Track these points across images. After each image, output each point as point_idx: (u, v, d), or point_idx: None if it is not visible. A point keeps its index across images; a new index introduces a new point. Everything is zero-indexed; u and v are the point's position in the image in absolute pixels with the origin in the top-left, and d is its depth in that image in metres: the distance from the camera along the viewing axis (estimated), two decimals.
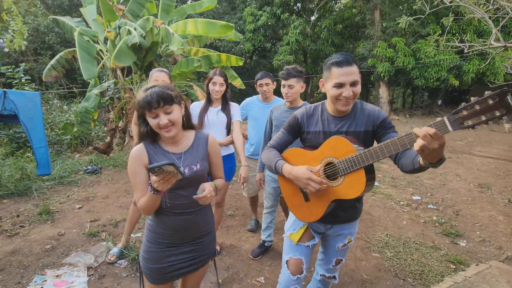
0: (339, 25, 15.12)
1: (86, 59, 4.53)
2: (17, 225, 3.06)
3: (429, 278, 2.43)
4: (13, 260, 2.50)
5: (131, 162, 1.28)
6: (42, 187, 3.98)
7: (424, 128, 1.00)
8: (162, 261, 1.34)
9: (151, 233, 1.36)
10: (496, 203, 4.11)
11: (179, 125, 1.28)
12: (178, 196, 1.30)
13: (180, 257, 1.36)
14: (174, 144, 1.34)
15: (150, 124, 1.24)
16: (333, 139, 1.35)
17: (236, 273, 2.45)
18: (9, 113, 3.15)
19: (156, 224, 1.35)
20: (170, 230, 1.33)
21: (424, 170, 1.16)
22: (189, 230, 1.36)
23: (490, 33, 10.43)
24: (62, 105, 7.33)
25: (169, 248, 1.35)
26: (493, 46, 5.20)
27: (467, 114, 0.97)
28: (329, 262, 1.66)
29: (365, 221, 3.42)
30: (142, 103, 1.20)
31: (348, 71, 1.29)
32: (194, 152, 1.36)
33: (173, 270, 1.36)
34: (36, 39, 11.12)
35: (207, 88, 2.50)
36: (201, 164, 1.35)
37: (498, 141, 8.67)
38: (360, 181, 1.26)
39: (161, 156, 1.29)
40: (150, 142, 1.32)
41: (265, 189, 2.62)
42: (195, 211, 1.35)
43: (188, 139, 1.38)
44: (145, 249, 1.37)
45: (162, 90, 1.21)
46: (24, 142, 5.24)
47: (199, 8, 6.04)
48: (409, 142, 1.11)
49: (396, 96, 24.60)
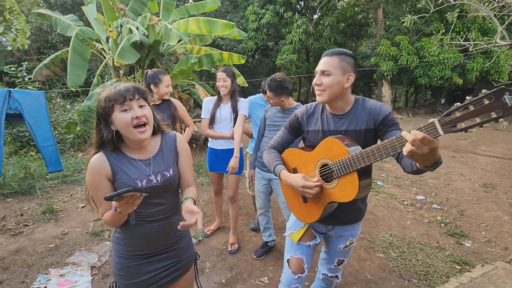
0: (341, 23, 15.07)
1: (77, 63, 4.40)
2: (21, 224, 3.07)
3: (434, 279, 2.41)
4: (17, 259, 2.50)
5: (91, 175, 1.11)
6: (46, 186, 3.99)
7: (412, 131, 0.94)
8: (139, 275, 1.22)
9: (120, 247, 1.23)
10: (501, 203, 4.07)
11: (152, 125, 1.16)
12: (150, 205, 1.19)
13: (159, 266, 1.25)
14: (140, 149, 1.19)
15: (119, 124, 1.09)
16: (327, 141, 1.32)
17: (239, 273, 2.44)
18: (14, 112, 3.15)
19: (124, 236, 1.21)
20: (141, 239, 1.21)
21: (424, 172, 1.10)
22: (162, 237, 1.25)
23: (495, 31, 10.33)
24: (65, 104, 7.35)
25: (145, 260, 1.23)
26: (498, 45, 5.15)
27: (460, 116, 0.89)
28: (331, 262, 1.65)
29: (369, 221, 3.40)
30: (114, 95, 1.07)
31: (324, 61, 1.34)
32: (164, 156, 1.23)
33: (154, 282, 1.25)
34: (39, 38, 11.14)
35: (216, 87, 2.62)
36: (173, 169, 1.24)
37: (503, 140, 8.60)
38: (353, 184, 1.22)
39: (127, 165, 1.15)
40: (110, 150, 1.15)
41: (256, 187, 2.61)
42: (169, 216, 1.25)
43: (155, 142, 1.24)
44: (118, 267, 1.23)
45: (136, 84, 1.14)
46: (27, 141, 5.26)
47: (202, 9, 6.02)
48: (399, 146, 1.05)
49: (398, 95, 24.50)
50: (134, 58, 4.58)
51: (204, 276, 2.37)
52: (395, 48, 12.15)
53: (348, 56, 1.34)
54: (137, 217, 1.18)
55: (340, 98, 1.36)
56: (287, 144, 1.60)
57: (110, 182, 1.14)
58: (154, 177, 1.18)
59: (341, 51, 1.34)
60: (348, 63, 1.33)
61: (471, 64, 11.70)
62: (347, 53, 1.34)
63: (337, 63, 1.31)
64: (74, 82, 4.35)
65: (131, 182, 1.13)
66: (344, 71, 1.32)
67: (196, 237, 2.88)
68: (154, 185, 1.18)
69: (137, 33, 4.38)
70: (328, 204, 1.35)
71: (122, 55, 4.40)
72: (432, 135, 0.94)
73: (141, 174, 1.16)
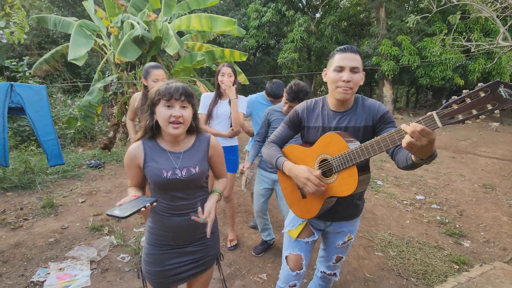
0: (343, 22, 15.04)
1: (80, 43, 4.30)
2: (21, 218, 3.07)
3: (432, 278, 2.41)
4: (17, 253, 2.51)
5: (127, 159, 1.27)
6: (46, 181, 4.00)
7: (412, 124, 0.97)
8: (163, 264, 1.30)
9: (151, 235, 1.32)
10: (500, 204, 4.07)
11: (187, 126, 1.25)
12: (176, 198, 1.26)
13: (182, 260, 1.32)
14: (174, 143, 1.29)
15: (159, 116, 1.20)
16: (326, 136, 1.33)
17: (238, 269, 2.45)
18: (16, 105, 3.15)
19: (155, 226, 1.31)
20: (170, 231, 1.29)
21: (418, 166, 1.12)
22: (189, 232, 1.31)
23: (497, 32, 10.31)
24: (65, 99, 7.33)
25: (170, 251, 1.31)
26: (500, 46, 5.14)
27: (458, 108, 0.93)
28: (330, 259, 1.65)
29: (368, 220, 3.41)
30: (163, 91, 1.18)
31: (350, 57, 1.30)
32: (194, 153, 1.31)
33: (176, 274, 1.32)
34: (41, 33, 11.12)
35: (216, 81, 2.53)
36: (200, 166, 1.30)
37: (503, 142, 8.60)
38: (353, 178, 1.23)
39: (158, 154, 1.25)
40: (149, 139, 1.28)
41: (255, 189, 2.55)
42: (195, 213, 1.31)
43: (189, 140, 1.34)
44: (146, 252, 1.33)
45: (184, 85, 1.23)
46: (28, 135, 5.26)
47: (203, 4, 6.00)
48: (398, 139, 1.07)
49: (400, 95, 24.47)
50: (136, 54, 4.57)
51: None
52: (397, 48, 12.13)
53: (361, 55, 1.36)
54: (163, 208, 1.27)
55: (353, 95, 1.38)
56: (287, 140, 1.59)
57: (139, 169, 1.27)
58: (179, 171, 1.25)
59: (358, 49, 1.35)
60: (362, 61, 1.36)
61: (473, 65, 11.68)
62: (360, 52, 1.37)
63: (361, 59, 1.32)
64: (74, 56, 4.19)
65: (158, 171, 1.22)
66: (362, 69, 1.34)
67: None
68: (178, 178, 1.24)
69: (138, 28, 4.37)
70: (327, 199, 1.35)
71: (123, 52, 4.39)
72: (431, 127, 0.96)
73: (168, 165, 1.24)
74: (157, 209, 1.28)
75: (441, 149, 7.55)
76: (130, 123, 2.61)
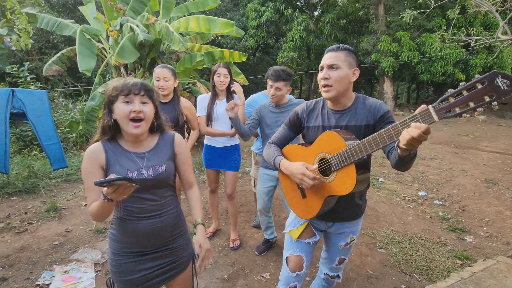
0: (342, 20, 15.00)
1: (86, 53, 4.38)
2: (25, 222, 3.10)
3: (435, 274, 2.41)
4: (22, 256, 2.54)
5: (86, 162, 1.15)
6: (49, 185, 4.04)
7: (413, 124, 0.96)
8: (134, 273, 1.22)
9: (115, 244, 1.23)
10: (503, 198, 4.06)
11: (148, 123, 1.19)
12: (141, 200, 1.19)
13: (154, 264, 1.25)
14: (136, 143, 1.22)
15: (118, 113, 1.12)
16: (325, 135, 1.33)
17: (241, 269, 2.46)
18: (18, 111, 3.18)
19: (119, 233, 1.22)
20: (136, 237, 1.20)
21: (405, 161, 1.12)
22: (158, 235, 1.23)
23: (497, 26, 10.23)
24: (67, 103, 7.39)
25: (139, 258, 1.22)
26: (500, 40, 5.12)
27: (455, 101, 0.91)
28: (332, 261, 1.63)
29: (370, 217, 3.41)
30: (121, 86, 1.12)
31: (330, 55, 1.33)
32: (159, 152, 1.25)
33: (150, 279, 1.25)
34: (41, 38, 11.19)
35: (212, 81, 2.52)
36: (166, 165, 1.24)
37: (505, 136, 8.55)
38: (351, 177, 1.22)
39: (121, 156, 1.18)
40: (108, 140, 1.20)
41: (258, 188, 2.56)
42: (162, 214, 1.24)
43: (153, 139, 1.27)
44: (112, 263, 1.24)
45: (143, 81, 1.19)
46: (30, 140, 5.31)
47: (203, 7, 6.02)
48: (395, 134, 1.06)
49: (400, 91, 24.39)
50: (134, 57, 4.58)
51: (206, 272, 2.39)
52: (396, 44, 12.08)
53: (351, 52, 1.35)
54: (129, 212, 1.19)
55: (344, 93, 1.36)
56: (288, 141, 1.60)
57: (103, 170, 1.17)
58: (145, 171, 1.19)
59: (346, 47, 1.34)
60: (353, 58, 1.34)
61: (474, 60, 11.61)
62: (351, 49, 1.35)
63: (344, 57, 1.32)
64: (86, 67, 4.28)
65: (123, 173, 1.15)
66: (350, 65, 1.33)
67: None
68: (145, 178, 1.18)
69: (140, 32, 4.39)
70: (327, 198, 1.34)
71: (121, 54, 4.41)
72: (427, 121, 0.96)
73: (133, 166, 1.18)
74: (122, 214, 1.20)
75: (442, 145, 7.52)
76: None
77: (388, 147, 1.26)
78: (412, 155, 1.10)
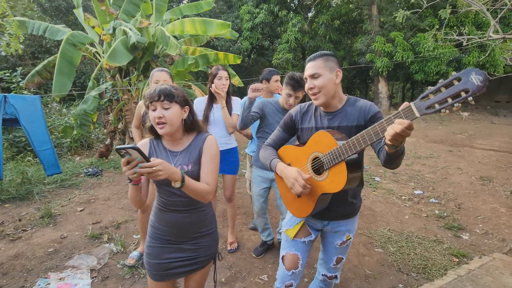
0: (336, 21, 15.08)
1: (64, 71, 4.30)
2: (20, 229, 3.06)
3: (432, 272, 2.42)
4: (16, 264, 2.50)
5: None
6: (44, 191, 3.98)
7: (397, 121, 1.01)
8: (161, 257, 1.37)
9: (151, 228, 1.41)
10: (498, 195, 4.10)
11: (173, 125, 1.27)
12: (173, 195, 1.33)
13: (178, 256, 1.38)
14: (173, 142, 1.37)
15: (150, 120, 1.30)
16: (317, 134, 1.38)
17: (238, 271, 2.45)
18: (10, 117, 3.15)
19: (155, 219, 1.40)
20: (166, 226, 1.37)
21: (393, 157, 1.17)
22: (184, 229, 1.37)
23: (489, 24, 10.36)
24: (61, 108, 7.32)
25: (167, 245, 1.37)
26: (492, 38, 5.17)
27: (434, 98, 0.97)
28: (330, 261, 1.64)
29: (367, 217, 3.42)
30: (147, 96, 1.27)
31: (309, 66, 1.40)
32: (189, 152, 1.35)
33: (171, 268, 1.37)
34: (33, 43, 11.09)
35: (211, 84, 2.46)
36: (193, 165, 1.33)
37: (499, 133, 8.64)
38: (342, 174, 1.26)
39: (160, 153, 1.35)
40: (155, 138, 1.39)
41: (254, 190, 2.56)
42: (190, 210, 1.36)
43: (187, 139, 1.39)
44: (147, 244, 1.41)
45: (166, 86, 1.28)
46: (24, 146, 5.24)
47: (197, 10, 6.03)
48: (381, 131, 1.11)
49: (395, 91, 24.55)
50: (127, 59, 4.54)
51: None
52: (390, 44, 12.18)
53: (330, 56, 1.40)
54: (163, 204, 1.36)
55: (334, 96, 1.42)
56: (283, 142, 1.64)
57: None
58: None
59: (322, 53, 1.40)
60: (332, 61, 1.39)
61: (467, 59, 11.73)
62: (328, 53, 1.40)
63: (322, 63, 1.37)
64: (59, 91, 4.24)
65: None
66: (331, 69, 1.38)
67: None
68: None
69: (133, 35, 4.36)
70: (320, 196, 1.37)
71: (112, 57, 4.37)
72: (409, 117, 1.01)
73: None
74: (157, 203, 1.38)
75: (438, 143, 7.58)
76: (136, 130, 2.61)
77: (377, 146, 1.31)
78: (400, 151, 1.14)
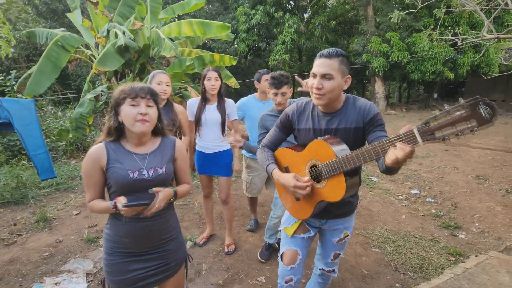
0: (332, 21, 15.14)
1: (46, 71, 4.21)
2: (14, 234, 3.03)
3: (429, 271, 2.43)
4: (11, 269, 2.47)
5: (87, 162, 1.21)
6: (39, 195, 3.95)
7: (399, 146, 0.98)
8: (125, 273, 1.27)
9: (109, 243, 1.29)
10: (494, 194, 4.12)
11: (153, 125, 1.26)
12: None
13: (146, 266, 1.29)
14: (139, 145, 1.28)
15: (124, 115, 1.19)
16: (314, 143, 1.34)
17: (236, 273, 2.44)
18: (4, 121, 3.11)
19: (113, 233, 1.27)
20: (128, 238, 1.25)
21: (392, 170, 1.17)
22: (149, 237, 1.28)
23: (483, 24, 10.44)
24: (56, 111, 7.27)
25: (131, 258, 1.27)
26: (486, 38, 5.21)
27: (438, 125, 0.91)
28: (327, 256, 1.66)
29: (364, 217, 3.42)
30: (128, 90, 1.19)
31: (323, 63, 1.27)
32: (159, 155, 1.30)
33: (141, 280, 1.28)
34: (28, 46, 11.03)
35: (202, 86, 2.50)
36: (166, 167, 1.29)
37: (495, 132, 8.71)
38: (341, 185, 1.24)
39: (123, 156, 1.23)
40: (112, 141, 1.25)
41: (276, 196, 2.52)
42: (155, 217, 1.27)
43: (155, 142, 1.34)
44: (106, 263, 1.30)
45: (151, 87, 1.26)
46: (19, 150, 5.19)
47: (187, 7, 5.99)
48: (382, 151, 1.08)
49: (392, 91, 24.67)
50: (117, 63, 4.49)
51: (201, 278, 2.36)
52: (386, 44, 12.25)
53: (345, 58, 1.30)
54: (120, 214, 1.21)
55: (336, 99, 1.35)
56: (280, 142, 1.61)
57: (103, 172, 1.23)
58: (146, 172, 1.24)
59: (339, 52, 1.28)
60: (345, 65, 1.29)
61: (462, 59, 11.83)
62: (344, 54, 1.30)
63: (337, 65, 1.26)
64: (32, 91, 4.11)
65: (123, 172, 1.20)
66: (343, 74, 1.29)
67: (192, 239, 2.87)
68: (145, 179, 1.23)
69: (122, 37, 4.33)
70: (318, 203, 1.37)
71: (103, 62, 4.31)
72: (411, 142, 0.97)
73: (134, 166, 1.23)
74: (117, 214, 1.22)
75: (434, 143, 7.61)
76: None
77: None
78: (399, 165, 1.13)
